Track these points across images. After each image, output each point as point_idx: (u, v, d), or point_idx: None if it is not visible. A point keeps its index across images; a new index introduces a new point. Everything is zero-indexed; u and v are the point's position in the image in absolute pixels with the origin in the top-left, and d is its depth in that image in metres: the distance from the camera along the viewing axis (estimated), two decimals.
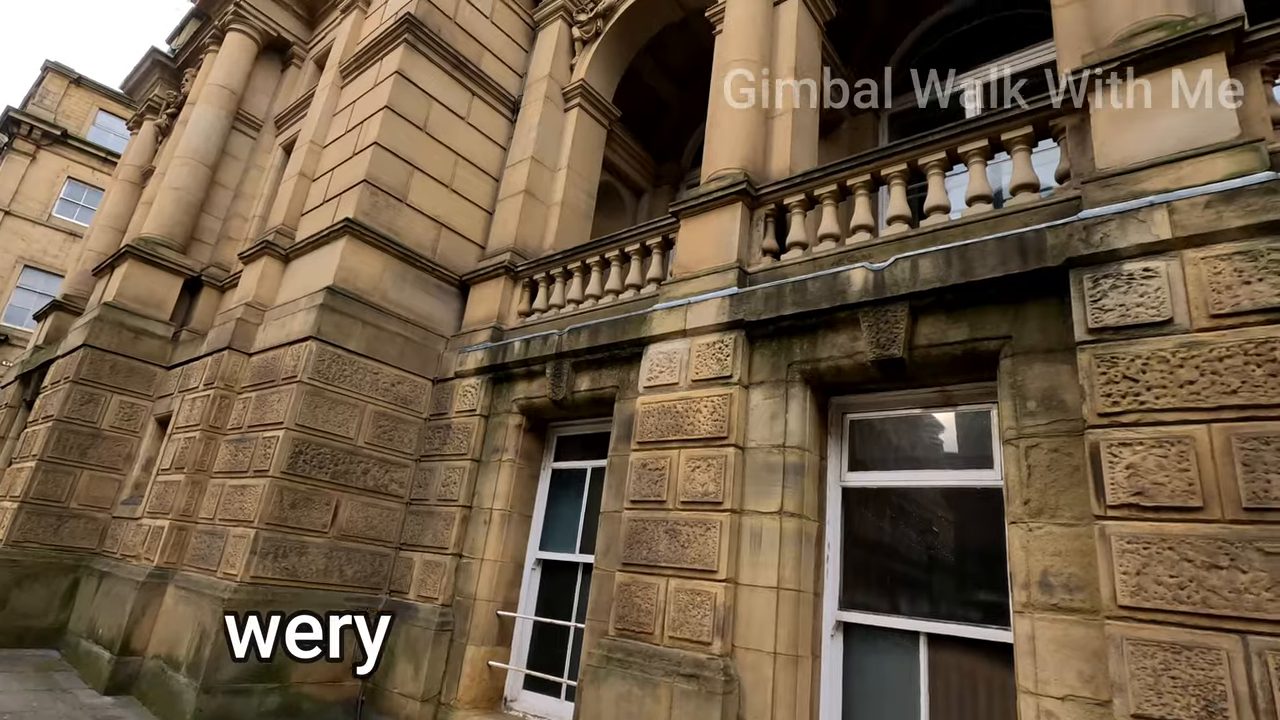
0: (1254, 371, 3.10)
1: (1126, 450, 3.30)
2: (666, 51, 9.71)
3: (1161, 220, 3.52)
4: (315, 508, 6.48)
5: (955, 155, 4.85)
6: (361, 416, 6.94)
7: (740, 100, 6.22)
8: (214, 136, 10.00)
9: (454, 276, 8.00)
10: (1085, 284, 3.67)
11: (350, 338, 6.92)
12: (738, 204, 5.72)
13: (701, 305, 5.42)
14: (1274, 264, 3.19)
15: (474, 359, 7.33)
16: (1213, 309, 3.28)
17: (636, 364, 5.84)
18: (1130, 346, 3.43)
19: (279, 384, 6.79)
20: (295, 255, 7.87)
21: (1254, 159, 3.42)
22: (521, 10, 9.35)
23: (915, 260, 4.45)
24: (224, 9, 10.73)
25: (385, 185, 7.51)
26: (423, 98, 7.99)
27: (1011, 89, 7.32)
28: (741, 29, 6.55)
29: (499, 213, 8.37)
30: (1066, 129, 4.43)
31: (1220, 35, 3.72)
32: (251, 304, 7.82)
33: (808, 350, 4.91)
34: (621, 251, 6.87)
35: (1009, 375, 4.01)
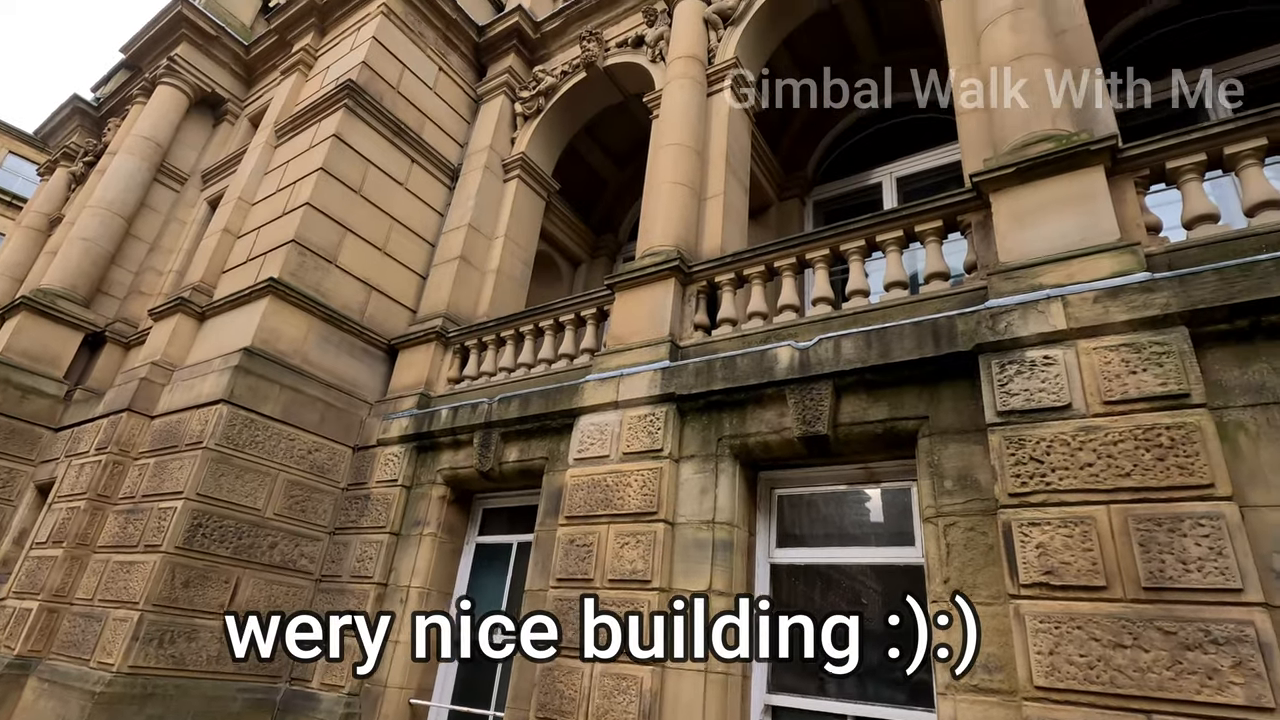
0: (1143, 456, 3.32)
1: (1036, 530, 3.44)
2: (606, 130, 10.08)
3: (1058, 312, 3.80)
4: (211, 586, 5.95)
5: (874, 243, 5.16)
6: (272, 486, 6.51)
7: (675, 181, 6.48)
8: (133, 187, 9.61)
9: (382, 340, 7.79)
10: (993, 368, 3.89)
11: (266, 402, 6.57)
12: (671, 280, 5.86)
13: (634, 377, 5.44)
14: (1155, 356, 3.48)
15: (398, 426, 7.06)
16: (1105, 396, 3.53)
17: (567, 435, 5.76)
18: (1035, 429, 3.63)
19: (182, 450, 6.33)
20: (212, 313, 7.51)
21: (1133, 260, 3.78)
22: (465, 84, 9.57)
23: (838, 340, 4.63)
24: (157, 62, 10.54)
25: (315, 246, 7.34)
26: (360, 161, 7.96)
27: (925, 182, 7.95)
28: (677, 115, 6.89)
29: (433, 277, 8.29)
30: (972, 224, 4.79)
31: (1099, 150, 4.15)
32: (159, 363, 7.36)
33: (737, 425, 4.97)
34: (556, 321, 6.88)
35: (927, 454, 4.15)
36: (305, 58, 9.25)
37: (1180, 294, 3.51)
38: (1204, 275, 3.52)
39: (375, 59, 8.29)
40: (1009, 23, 4.96)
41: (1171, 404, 3.35)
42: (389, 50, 8.51)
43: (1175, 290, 3.53)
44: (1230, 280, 3.43)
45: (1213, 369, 3.45)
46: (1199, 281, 3.51)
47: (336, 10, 9.14)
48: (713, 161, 6.76)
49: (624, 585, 4.73)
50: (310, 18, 9.33)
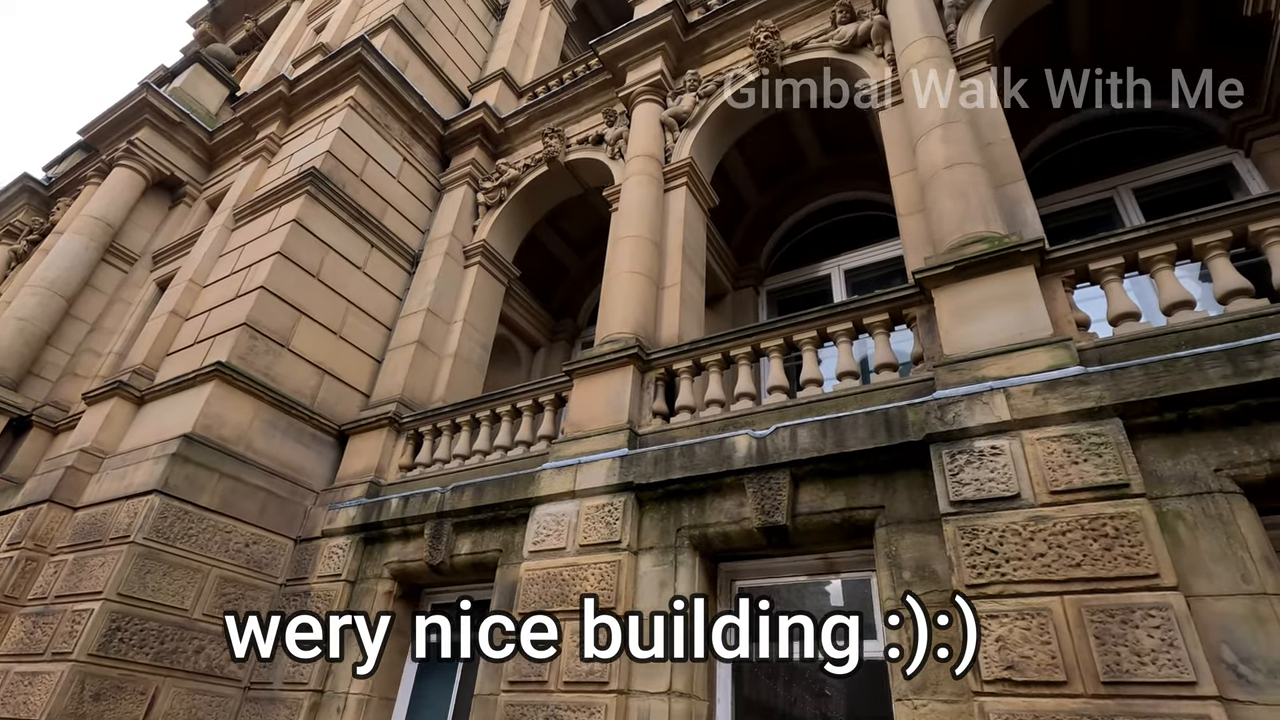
0: (1092, 545, 3.39)
1: (995, 623, 3.43)
2: (566, 219, 10.38)
3: (1001, 403, 3.96)
4: (126, 698, 5.42)
5: (825, 334, 5.33)
6: (203, 583, 6.08)
7: (633, 271, 6.65)
8: (78, 267, 9.38)
9: (333, 426, 7.56)
10: (944, 458, 3.98)
11: (203, 492, 6.23)
12: (629, 367, 5.91)
13: (592, 466, 5.38)
14: (1094, 446, 3.62)
15: (345, 516, 6.76)
16: (1051, 485, 3.63)
17: (523, 526, 5.60)
18: (988, 519, 3.69)
19: (106, 545, 5.91)
20: (152, 398, 7.20)
21: (1066, 355, 3.99)
22: (429, 174, 9.81)
23: (794, 429, 4.69)
24: (116, 145, 10.54)
25: (267, 329, 7.21)
26: (319, 246, 7.96)
27: (871, 275, 8.35)
28: (635, 209, 7.16)
29: (388, 361, 8.18)
30: (917, 317, 5.01)
31: (1029, 251, 4.46)
32: (89, 450, 6.96)
33: (696, 515, 4.91)
34: (514, 407, 6.81)
35: (884, 545, 4.16)
36: (270, 144, 9.38)
37: (1112, 387, 3.71)
38: (1131, 370, 3.73)
39: (340, 148, 8.47)
40: (940, 135, 5.39)
41: (1113, 494, 3.46)
42: (354, 140, 8.71)
43: (1107, 383, 3.73)
44: (1155, 375, 3.64)
45: (1148, 459, 3.60)
46: (1127, 376, 3.71)
47: (304, 102, 9.38)
48: (670, 253, 6.99)
49: (581, 688, 4.49)
50: (278, 108, 9.53)
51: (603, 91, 8.93)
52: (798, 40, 7.41)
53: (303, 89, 9.31)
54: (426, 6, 10.93)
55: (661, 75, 8.15)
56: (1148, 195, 7.06)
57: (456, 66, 11.10)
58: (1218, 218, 4.14)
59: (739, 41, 7.93)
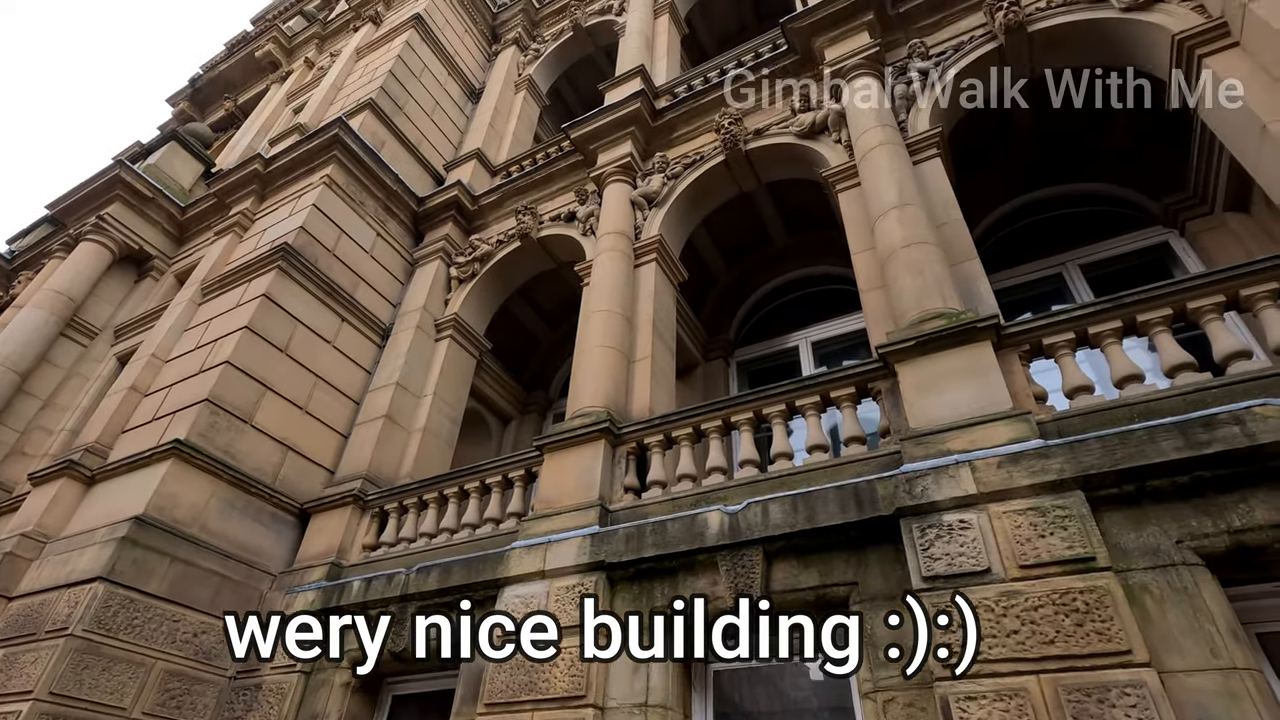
0: (1064, 621, 3.38)
1: (973, 704, 3.36)
2: (538, 292, 10.50)
3: (967, 477, 4.01)
4: None
5: (794, 407, 5.39)
6: (146, 678, 5.69)
7: (605, 345, 6.72)
8: (36, 342, 9.13)
9: (294, 504, 7.30)
10: (915, 532, 3.98)
11: (151, 578, 5.92)
12: (601, 441, 5.88)
13: (562, 544, 5.26)
14: (1059, 519, 3.66)
15: (303, 600, 6.45)
16: (1020, 559, 3.64)
17: (490, 608, 5.39)
18: (960, 596, 3.67)
19: (40, 638, 5.52)
20: (104, 477, 6.92)
21: (1026, 428, 4.09)
22: (402, 249, 9.91)
23: (766, 505, 4.67)
24: (85, 219, 10.48)
25: (230, 405, 7.04)
26: (288, 320, 7.91)
27: (837, 346, 8.53)
28: (606, 283, 7.29)
29: (355, 436, 8.01)
30: (882, 390, 5.11)
31: (985, 327, 4.63)
32: (30, 534, 6.59)
33: (669, 594, 4.80)
34: (482, 483, 6.69)
35: (861, 625, 4.09)
36: (243, 220, 9.43)
37: (1072, 460, 3.79)
38: (1089, 442, 3.83)
39: (314, 224, 8.54)
40: (896, 216, 5.66)
41: (1081, 567, 3.49)
42: (328, 216, 8.80)
43: (1067, 456, 3.81)
44: (1111, 448, 3.74)
45: (1111, 531, 3.65)
46: (1086, 448, 3.80)
47: (280, 179, 9.51)
48: (640, 327, 7.08)
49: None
50: (253, 184, 9.64)
51: (575, 171, 9.23)
52: (759, 126, 7.81)
53: (278, 166, 9.46)
54: (404, 90, 11.32)
55: (631, 157, 8.48)
56: (1094, 271, 7.42)
57: (432, 146, 11.41)
58: (1158, 295, 4.36)
59: (704, 127, 8.33)
